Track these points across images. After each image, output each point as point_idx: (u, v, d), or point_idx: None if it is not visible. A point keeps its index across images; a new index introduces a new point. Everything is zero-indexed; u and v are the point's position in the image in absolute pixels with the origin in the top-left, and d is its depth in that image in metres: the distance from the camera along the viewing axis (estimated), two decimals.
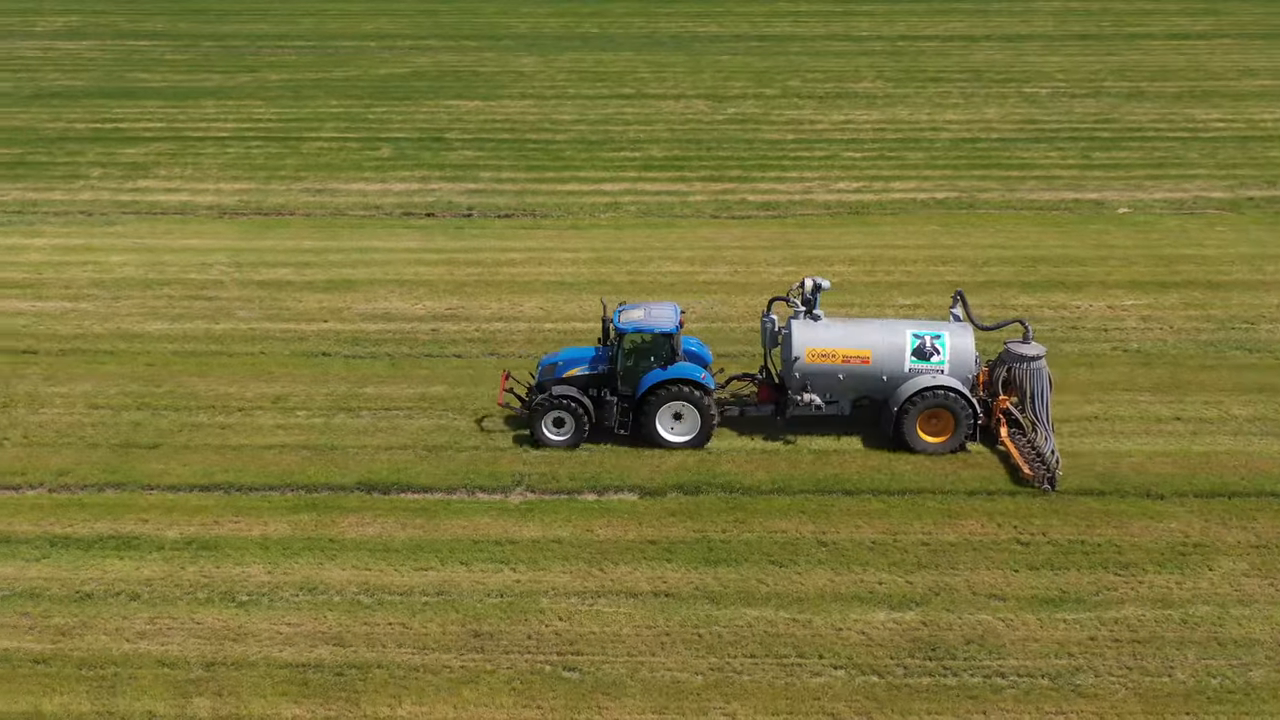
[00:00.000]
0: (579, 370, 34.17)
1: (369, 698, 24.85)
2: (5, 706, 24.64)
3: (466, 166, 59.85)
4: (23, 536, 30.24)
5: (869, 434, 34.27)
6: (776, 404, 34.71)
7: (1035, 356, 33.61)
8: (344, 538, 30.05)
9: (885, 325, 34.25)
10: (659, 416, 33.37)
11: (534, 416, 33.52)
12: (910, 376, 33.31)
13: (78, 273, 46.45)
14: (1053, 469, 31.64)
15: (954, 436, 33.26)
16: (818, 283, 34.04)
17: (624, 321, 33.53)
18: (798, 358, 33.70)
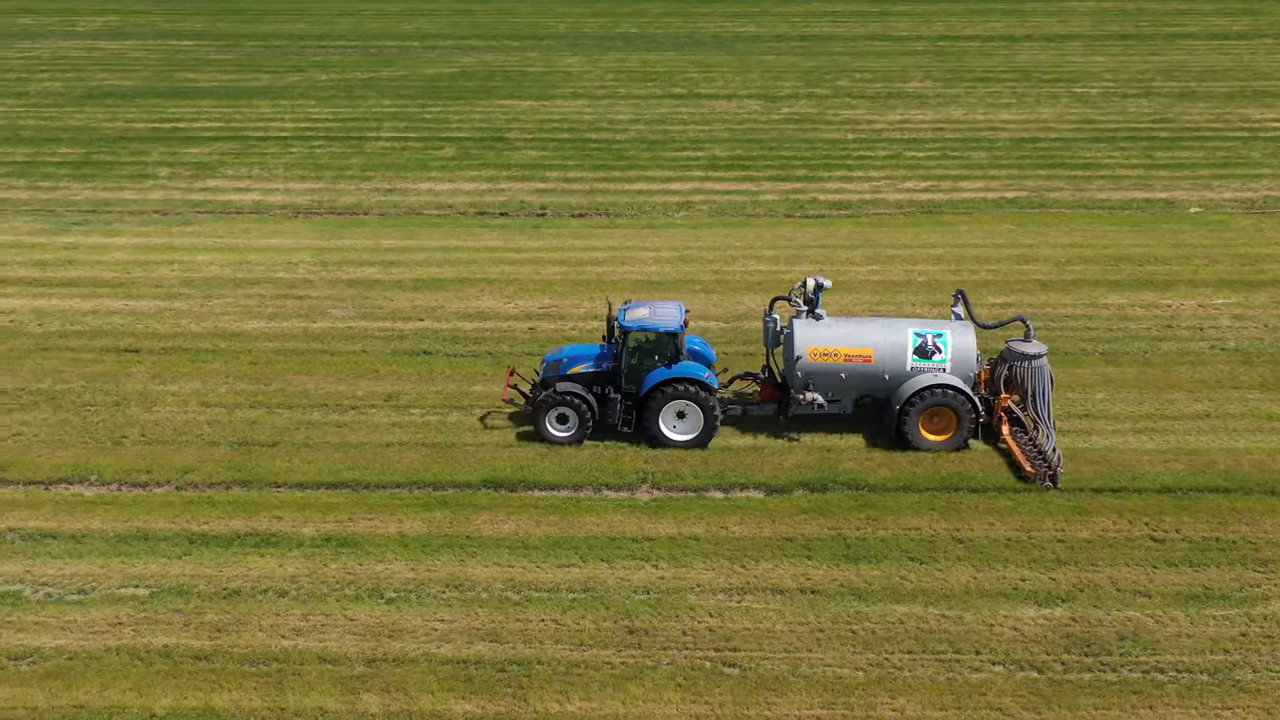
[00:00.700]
0: (583, 367, 34.27)
1: (536, 694, 24.92)
2: (176, 702, 24.74)
3: (532, 166, 59.87)
4: (161, 534, 30.26)
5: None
6: (779, 403, 34.90)
7: (1036, 355, 33.76)
8: (481, 535, 30.10)
9: (887, 324, 34.40)
10: (662, 415, 33.52)
11: (538, 413, 33.71)
12: (912, 375, 33.47)
13: (165, 272, 46.51)
14: (1054, 466, 31.70)
15: (956, 435, 33.50)
16: (820, 282, 34.43)
17: (629, 320, 33.63)
18: (800, 357, 33.89)
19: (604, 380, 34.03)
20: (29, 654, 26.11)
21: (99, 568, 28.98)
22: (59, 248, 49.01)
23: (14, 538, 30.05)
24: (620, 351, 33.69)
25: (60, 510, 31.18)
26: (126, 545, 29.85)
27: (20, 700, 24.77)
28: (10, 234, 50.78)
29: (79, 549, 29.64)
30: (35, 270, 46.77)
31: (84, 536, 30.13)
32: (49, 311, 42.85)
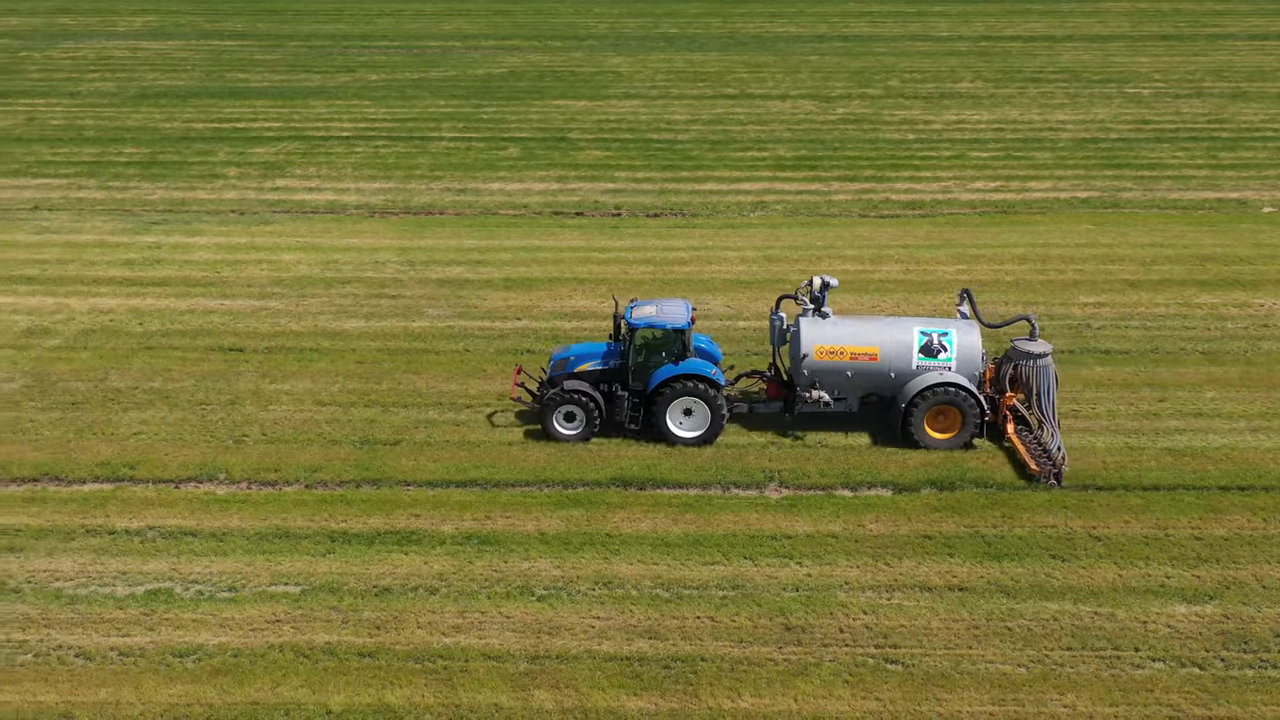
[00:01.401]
0: (591, 365, 34.38)
1: (706, 690, 25.10)
2: (350, 699, 24.90)
3: (599, 166, 60.06)
4: (301, 532, 30.41)
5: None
6: (785, 401, 35.06)
7: (1041, 354, 33.93)
8: (620, 533, 30.28)
9: (893, 323, 34.49)
10: (669, 412, 33.71)
11: (545, 410, 33.85)
12: (918, 373, 33.62)
13: (254, 271, 46.65)
14: (1059, 465, 31.84)
15: (961, 433, 33.68)
16: (826, 281, 34.64)
17: (636, 317, 33.78)
18: (806, 355, 34.07)
19: (611, 378, 34.18)
20: (192, 651, 26.17)
21: (245, 565, 29.04)
22: (143, 247, 49.08)
23: (154, 535, 30.17)
24: (627, 349, 33.84)
25: (196, 508, 31.27)
26: (269, 543, 29.87)
27: (194, 697, 24.87)
28: (92, 233, 50.86)
29: (222, 547, 29.74)
30: (124, 270, 46.85)
31: (225, 534, 30.19)
32: (146, 311, 42.94)
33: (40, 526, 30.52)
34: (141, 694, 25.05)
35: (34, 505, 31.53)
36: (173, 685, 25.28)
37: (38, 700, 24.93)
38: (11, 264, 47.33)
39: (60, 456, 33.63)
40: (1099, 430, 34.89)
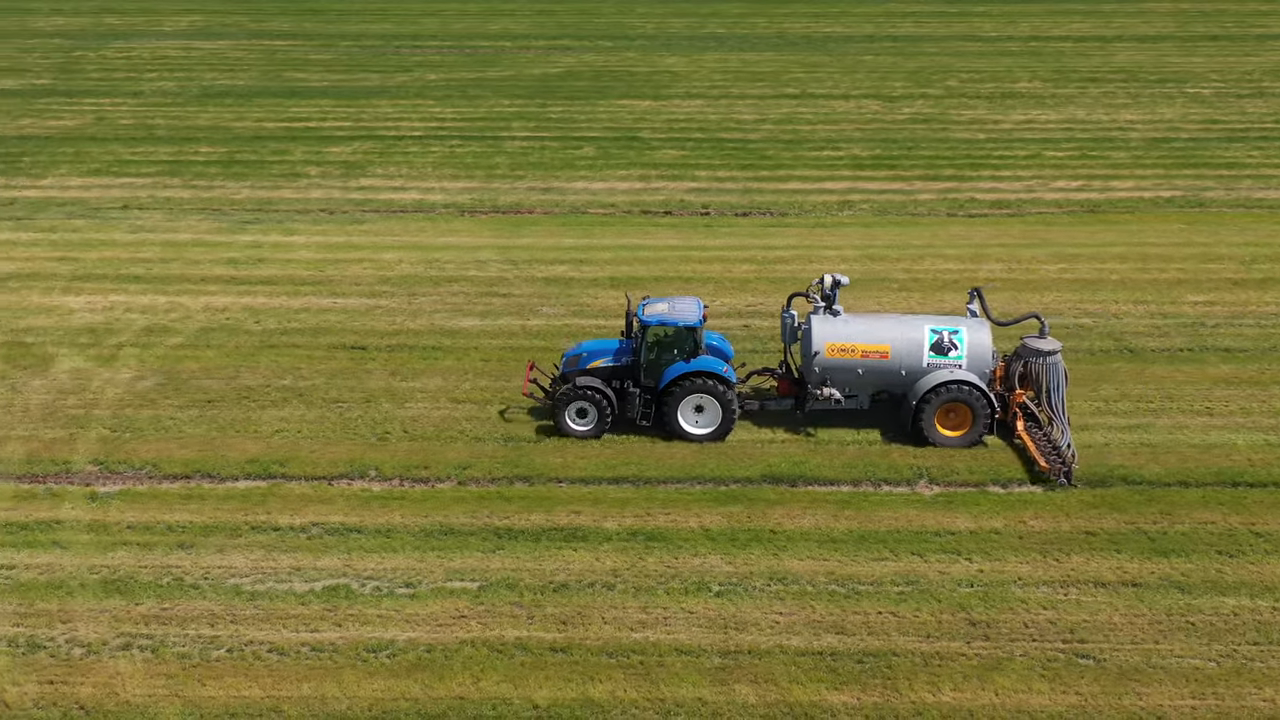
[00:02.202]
0: (603, 362, 34.62)
1: (905, 684, 25.29)
2: (554, 694, 25.13)
3: (678, 165, 60.27)
4: (465, 529, 30.63)
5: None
6: (796, 398, 35.30)
7: (1051, 351, 34.10)
8: (784, 529, 30.49)
9: (903, 321, 34.79)
10: (681, 408, 33.93)
11: (558, 407, 34.07)
12: (928, 371, 33.85)
13: (359, 270, 46.81)
14: (1069, 462, 32.03)
15: (971, 430, 33.86)
16: (837, 279, 34.88)
17: (648, 314, 33.99)
18: (817, 352, 34.29)
19: (623, 374, 34.38)
20: (383, 647, 26.33)
21: (416, 562, 29.21)
22: (243, 246, 49.22)
23: (319, 532, 30.32)
24: (639, 346, 34.02)
25: (355, 505, 31.43)
26: (436, 540, 30.05)
27: (397, 692, 25.06)
28: (188, 232, 51.01)
29: (390, 543, 29.90)
30: (228, 268, 46.99)
31: (390, 531, 30.35)
32: (260, 309, 43.11)
33: (205, 523, 30.64)
34: (344, 689, 25.16)
35: (193, 502, 31.65)
36: (373, 680, 25.35)
37: (242, 695, 25.05)
38: (116, 263, 47.44)
39: (209, 454, 33.70)
40: (1236, 428, 35.10)
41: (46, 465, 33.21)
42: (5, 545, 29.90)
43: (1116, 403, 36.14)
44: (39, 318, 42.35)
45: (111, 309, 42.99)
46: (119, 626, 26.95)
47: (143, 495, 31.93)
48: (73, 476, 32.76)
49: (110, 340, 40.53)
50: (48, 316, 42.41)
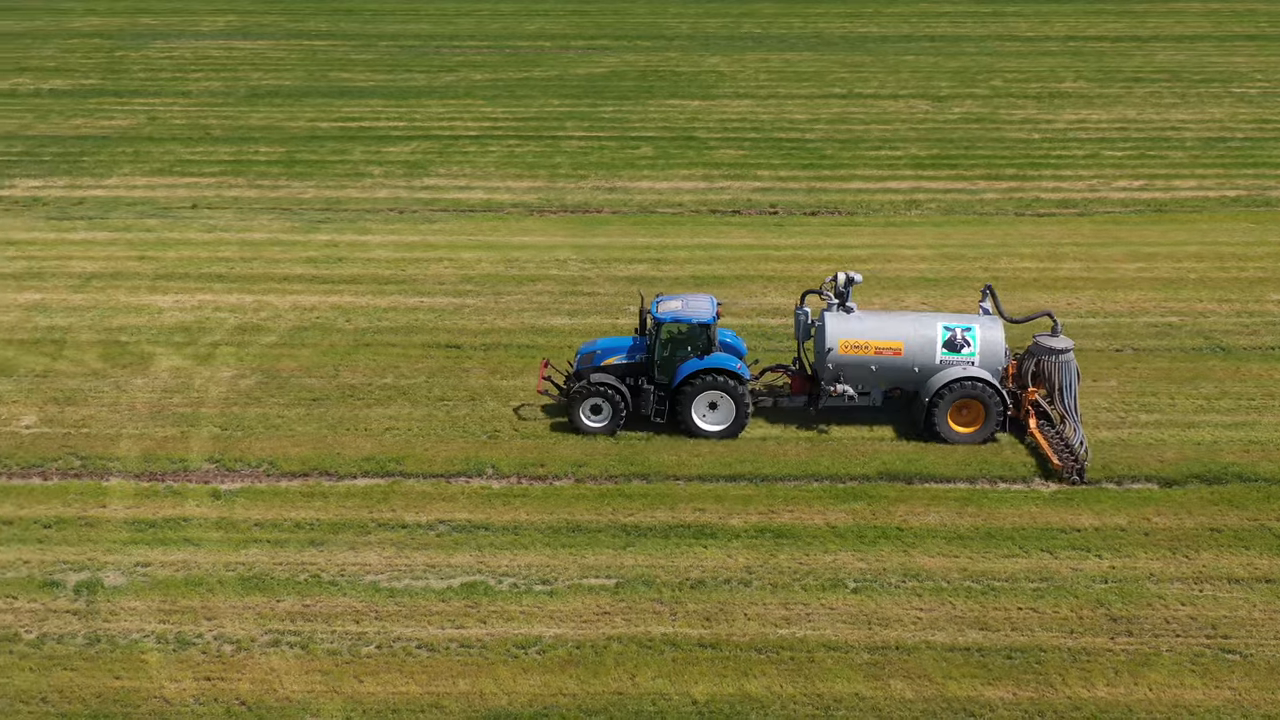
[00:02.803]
0: (617, 359, 34.71)
1: (1058, 679, 25.50)
2: (711, 689, 25.32)
3: (738, 165, 60.48)
4: (592, 525, 30.94)
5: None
6: (809, 395, 35.45)
7: (1064, 349, 34.28)
8: (910, 526, 30.67)
9: (917, 318, 34.88)
10: (695, 405, 34.09)
11: (572, 403, 34.22)
12: (941, 368, 33.98)
13: (439, 269, 46.99)
14: (1081, 460, 32.15)
15: (984, 427, 34.00)
16: (850, 276, 35.20)
17: (662, 312, 34.12)
18: (831, 349, 34.47)
19: (637, 371, 34.55)
20: (531, 643, 26.48)
21: (549, 559, 29.37)
22: (320, 245, 49.35)
23: (446, 529, 30.47)
24: (653, 343, 34.19)
25: (478, 502, 31.61)
26: (565, 537, 30.20)
27: (555, 688, 25.24)
28: (262, 231, 51.15)
29: (519, 540, 30.06)
30: (309, 267, 47.12)
31: (517, 528, 30.51)
32: (348, 308, 43.27)
33: (332, 521, 30.79)
34: (500, 685, 25.31)
35: (316, 499, 31.79)
36: (528, 676, 25.51)
37: (400, 691, 25.21)
38: (196, 262, 47.56)
39: (323, 452, 33.84)
40: None
41: (163, 463, 33.27)
42: (138, 542, 29.89)
43: (1218, 400, 36.35)
44: (129, 316, 42.42)
45: (200, 308, 43.06)
46: (265, 623, 27.01)
47: (264, 493, 31.99)
48: (190, 474, 32.82)
49: (205, 339, 40.58)
50: (138, 315, 42.47)
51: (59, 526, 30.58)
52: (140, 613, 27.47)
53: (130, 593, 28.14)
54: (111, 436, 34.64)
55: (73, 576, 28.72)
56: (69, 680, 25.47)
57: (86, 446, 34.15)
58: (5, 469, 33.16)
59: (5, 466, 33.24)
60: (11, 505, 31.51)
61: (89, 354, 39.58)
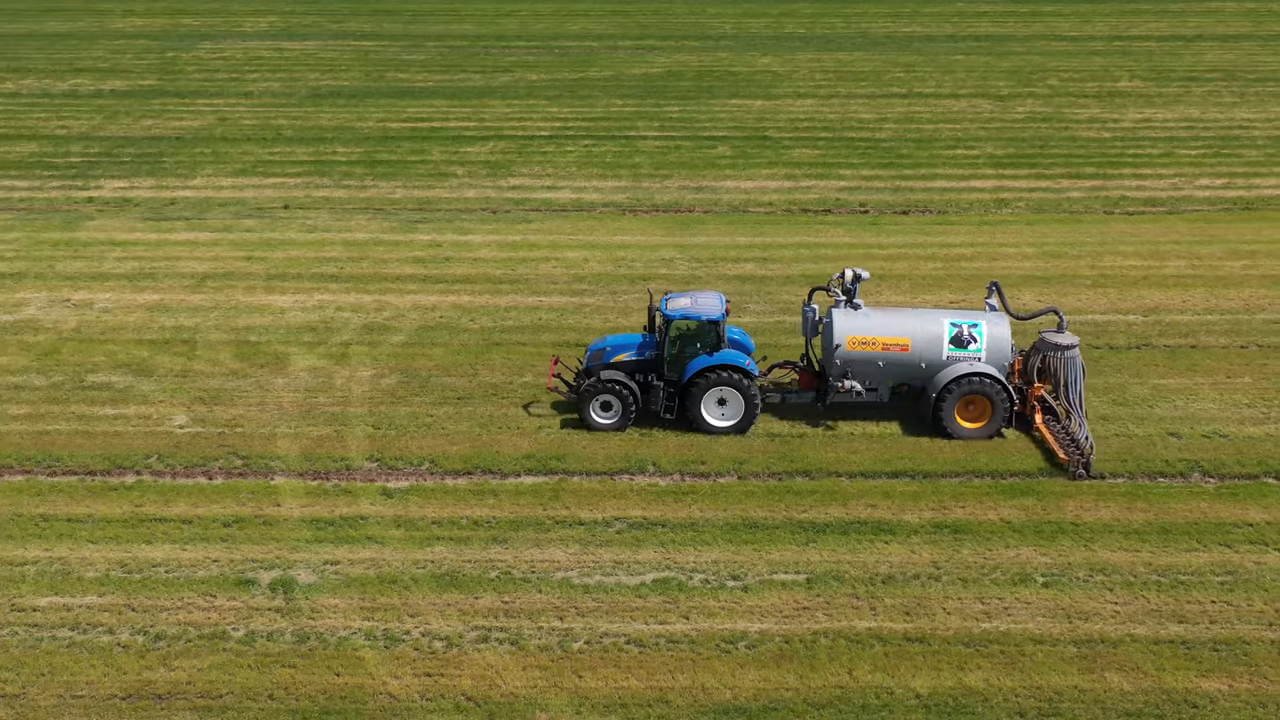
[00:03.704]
0: (626, 356, 35.10)
1: (1270, 671, 25.84)
2: (932, 682, 25.65)
3: (818, 164, 60.76)
4: (770, 522, 31.29)
5: None
6: (817, 391, 35.85)
7: (1069, 345, 34.53)
8: (1083, 521, 31.12)
9: (924, 314, 35.20)
10: (704, 401, 34.45)
11: (582, 400, 34.57)
12: (948, 364, 34.40)
13: (549, 269, 47.23)
14: (1087, 454, 32.50)
15: (990, 422, 34.40)
16: (857, 273, 35.56)
17: (671, 309, 34.47)
18: (839, 345, 34.78)
19: (647, 368, 34.89)
20: (738, 638, 26.74)
21: (733, 555, 29.64)
22: (423, 245, 49.54)
23: (623, 526, 30.69)
24: (663, 340, 34.50)
25: (650, 500, 31.90)
26: (745, 533, 30.56)
27: (775, 682, 25.54)
28: (363, 231, 51.28)
29: (699, 537, 30.34)
30: (418, 267, 47.32)
31: (694, 525, 30.76)
32: (469, 307, 43.55)
33: (510, 518, 31.03)
34: (721, 679, 25.54)
35: (487, 497, 32.03)
36: (746, 671, 25.78)
37: (623, 686, 25.45)
38: (304, 262, 47.72)
39: (482, 450, 34.10)
40: None
41: (325, 462, 33.44)
42: (322, 540, 30.04)
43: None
44: (253, 316, 42.56)
45: (322, 308, 43.20)
46: (468, 620, 27.21)
47: (434, 491, 32.17)
48: (354, 473, 32.99)
49: (334, 339, 40.75)
50: (261, 315, 42.62)
51: (240, 525, 30.64)
52: (342, 610, 27.54)
53: (326, 590, 28.17)
54: (267, 436, 34.71)
55: (264, 574, 28.76)
56: (290, 677, 25.50)
57: (245, 446, 34.21)
58: (169, 468, 33.14)
59: (169, 465, 33.24)
60: (185, 504, 31.54)
61: (223, 354, 39.65)
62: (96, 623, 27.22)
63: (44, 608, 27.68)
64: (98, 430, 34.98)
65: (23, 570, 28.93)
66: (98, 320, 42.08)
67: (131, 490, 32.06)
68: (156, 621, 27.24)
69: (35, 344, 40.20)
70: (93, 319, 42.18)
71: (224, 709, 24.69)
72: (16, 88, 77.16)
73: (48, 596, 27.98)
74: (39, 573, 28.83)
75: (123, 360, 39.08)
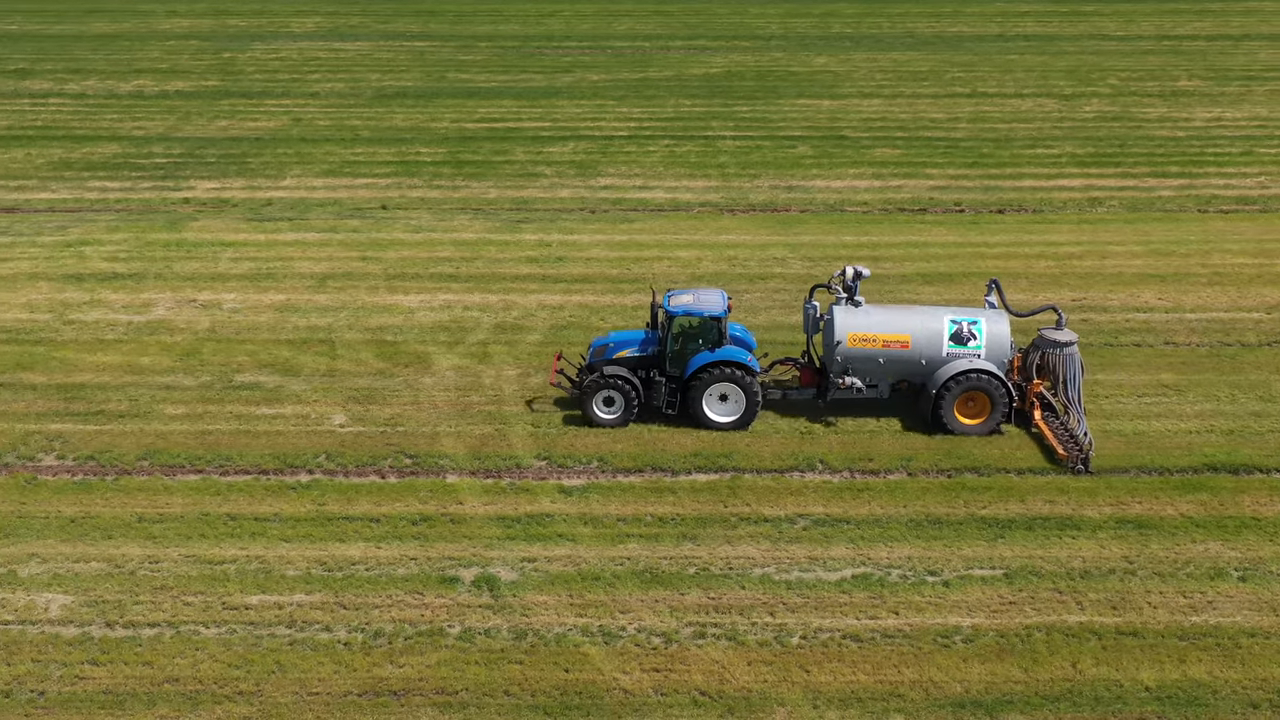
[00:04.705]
0: (629, 352, 35.35)
1: None
2: (1158, 675, 25.97)
3: (902, 164, 61.04)
4: (952, 518, 31.44)
5: None
6: (818, 387, 36.17)
7: (1068, 342, 34.85)
8: (1263, 516, 31.56)
9: (924, 311, 35.47)
10: (705, 397, 34.77)
11: (585, 395, 34.84)
12: (948, 360, 34.66)
13: (664, 268, 47.64)
14: (1085, 450, 32.86)
15: (990, 419, 34.69)
16: (858, 270, 35.85)
17: (674, 305, 34.73)
18: (840, 342, 35.08)
19: (649, 364, 35.11)
20: (954, 632, 27.08)
21: (924, 550, 29.96)
22: (532, 245, 49.75)
23: (807, 523, 30.98)
24: (665, 336, 34.75)
25: (827, 496, 32.35)
26: (930, 529, 30.88)
27: (1002, 675, 25.94)
28: (469, 232, 51.52)
29: (887, 533, 30.76)
30: (534, 267, 47.55)
31: (879, 521, 31.04)
32: (596, 306, 43.79)
33: (694, 515, 31.50)
34: (948, 673, 25.86)
35: (666, 495, 32.41)
36: (969, 665, 26.21)
37: (853, 680, 25.72)
38: (418, 262, 47.98)
39: (648, 448, 34.48)
40: None
41: (494, 461, 33.64)
42: (514, 538, 30.26)
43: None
44: (383, 316, 42.72)
45: (449, 307, 43.39)
46: (682, 616, 27.43)
47: (610, 489, 32.41)
48: (525, 471, 33.20)
49: (470, 338, 40.95)
50: (390, 315, 42.77)
51: (429, 524, 30.82)
52: (553, 607, 27.75)
53: (531, 588, 28.37)
54: (429, 435, 34.91)
55: (464, 572, 28.96)
56: (519, 674, 25.74)
57: (410, 445, 34.40)
58: (340, 467, 33.31)
59: (339, 465, 33.41)
60: (368, 503, 31.70)
61: (363, 353, 39.83)
62: (311, 620, 27.18)
63: (256, 605, 27.67)
64: (259, 430, 35.01)
65: (224, 569, 28.94)
66: (229, 320, 42.12)
67: (310, 489, 32.13)
68: (371, 619, 27.21)
69: (174, 344, 40.24)
70: (224, 319, 42.20)
71: (462, 705, 24.79)
72: (81, 88, 77.11)
73: (256, 595, 28.00)
74: (239, 571, 28.88)
75: (265, 360, 39.11)
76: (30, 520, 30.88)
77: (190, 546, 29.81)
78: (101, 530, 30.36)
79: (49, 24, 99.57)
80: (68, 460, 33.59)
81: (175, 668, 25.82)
